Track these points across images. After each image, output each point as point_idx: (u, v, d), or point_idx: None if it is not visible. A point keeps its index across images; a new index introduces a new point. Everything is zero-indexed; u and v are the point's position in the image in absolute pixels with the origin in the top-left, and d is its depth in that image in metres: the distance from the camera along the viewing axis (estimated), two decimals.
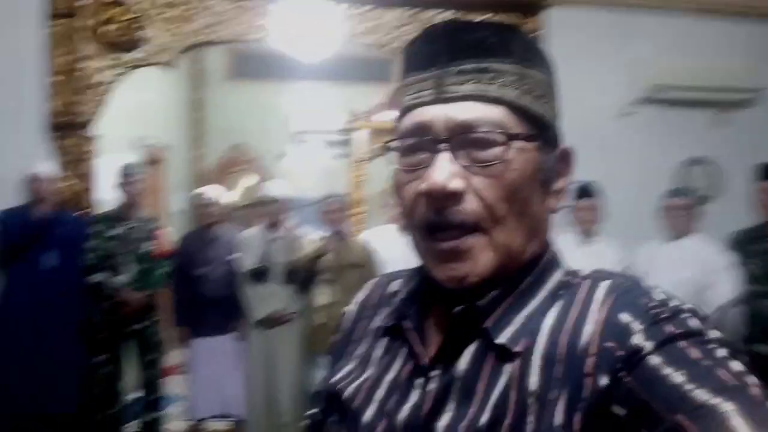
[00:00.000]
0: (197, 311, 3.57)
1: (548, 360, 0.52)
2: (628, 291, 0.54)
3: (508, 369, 0.54)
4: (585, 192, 3.20)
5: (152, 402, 3.53)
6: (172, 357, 4.05)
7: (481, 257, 0.56)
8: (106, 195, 3.64)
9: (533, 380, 0.52)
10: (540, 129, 0.58)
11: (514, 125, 0.56)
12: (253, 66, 6.50)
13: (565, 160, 0.63)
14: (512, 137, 0.56)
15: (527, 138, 0.57)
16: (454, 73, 0.57)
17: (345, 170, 5.58)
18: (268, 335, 3.42)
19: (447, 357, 0.57)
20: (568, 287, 0.58)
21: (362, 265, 3.39)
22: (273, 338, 3.43)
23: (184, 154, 6.25)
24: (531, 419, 0.50)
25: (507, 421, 0.51)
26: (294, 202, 5.97)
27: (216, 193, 3.73)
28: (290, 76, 6.40)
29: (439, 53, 0.58)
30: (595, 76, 3.86)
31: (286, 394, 3.41)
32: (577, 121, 3.96)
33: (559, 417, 0.49)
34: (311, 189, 6.35)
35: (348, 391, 0.63)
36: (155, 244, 3.55)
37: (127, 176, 3.46)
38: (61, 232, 3.30)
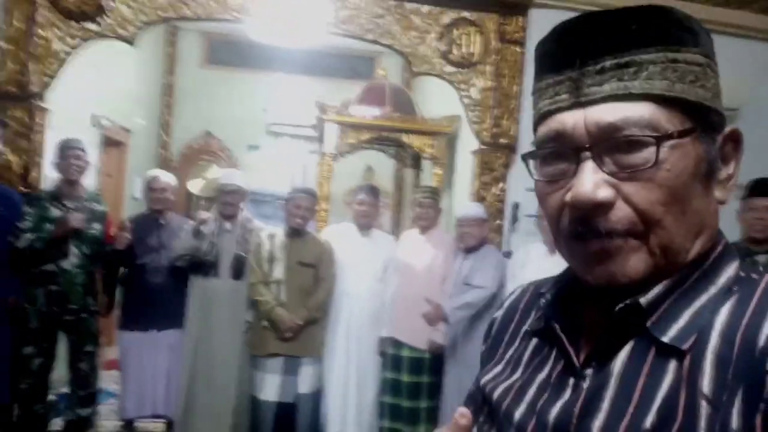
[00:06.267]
0: (134, 303, 3.34)
1: (722, 360, 0.48)
2: None
3: (673, 368, 0.50)
4: None
5: (85, 397, 3.28)
6: (109, 351, 3.82)
7: (631, 259, 0.53)
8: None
9: (705, 381, 0.48)
10: (698, 116, 0.53)
11: (666, 120, 0.51)
12: (229, 53, 6.30)
13: (731, 143, 0.56)
14: (663, 138, 0.51)
15: (681, 133, 0.51)
16: (592, 73, 0.53)
17: (316, 166, 5.40)
18: (208, 334, 3.20)
19: (601, 356, 0.55)
20: (743, 282, 0.53)
21: (315, 266, 3.20)
22: (213, 337, 3.20)
23: (151, 140, 6.00)
24: (703, 423, 0.46)
25: (676, 425, 0.47)
26: (261, 195, 5.88)
27: (170, 178, 3.51)
28: (267, 67, 6.23)
29: (573, 52, 0.54)
30: None
31: (224, 396, 3.18)
32: None
33: (735, 421, 0.45)
34: (282, 184, 6.20)
35: (498, 392, 0.62)
36: (110, 230, 3.34)
37: (66, 152, 3.19)
38: None
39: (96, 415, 3.40)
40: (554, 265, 2.80)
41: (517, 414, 0.59)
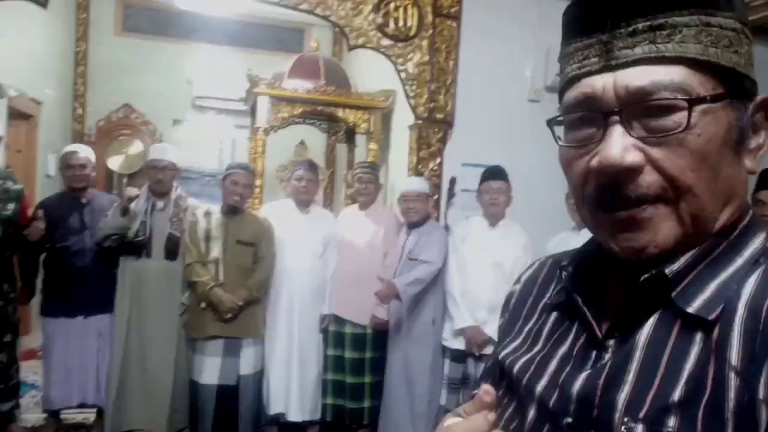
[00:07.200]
0: (58, 288, 3.12)
1: (749, 330, 0.47)
2: None
3: (700, 339, 0.50)
4: (494, 175, 3.11)
5: (5, 391, 3.04)
6: (29, 340, 3.58)
7: (661, 228, 0.52)
8: None
9: (734, 353, 0.47)
10: (731, 82, 0.52)
11: (698, 84, 0.50)
12: (148, 21, 5.94)
13: (762, 112, 0.55)
14: (695, 101, 0.50)
15: (714, 98, 0.51)
16: (624, 36, 0.51)
17: (245, 141, 5.22)
18: (141, 317, 3.05)
19: (624, 328, 0.54)
20: None
21: (254, 244, 3.11)
22: (147, 321, 3.05)
23: (64, 113, 5.58)
24: (732, 395, 0.46)
25: (705, 397, 0.47)
26: (189, 172, 5.63)
27: (89, 153, 3.27)
28: (190, 37, 5.94)
29: (604, 14, 0.52)
30: (510, 60, 3.79)
31: (159, 381, 3.06)
32: (491, 103, 3.93)
33: (762, 391, 0.45)
34: (209, 159, 5.97)
35: (518, 366, 0.62)
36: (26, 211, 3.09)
37: None
38: None
39: (18, 408, 3.18)
40: (494, 238, 2.88)
41: (539, 387, 0.58)
